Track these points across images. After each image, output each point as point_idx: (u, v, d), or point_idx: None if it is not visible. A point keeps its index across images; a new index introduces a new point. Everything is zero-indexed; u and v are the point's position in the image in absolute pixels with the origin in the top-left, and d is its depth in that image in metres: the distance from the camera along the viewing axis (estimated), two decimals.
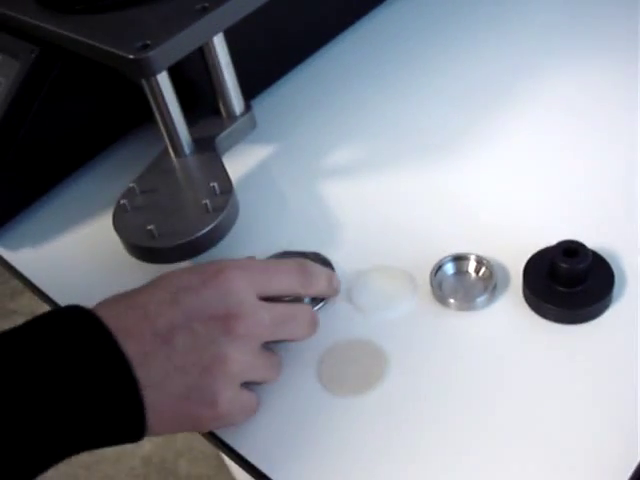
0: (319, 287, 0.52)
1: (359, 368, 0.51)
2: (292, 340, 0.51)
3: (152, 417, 0.43)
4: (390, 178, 0.63)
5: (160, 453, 1.54)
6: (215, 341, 0.45)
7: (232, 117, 0.64)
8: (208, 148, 0.62)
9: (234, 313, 0.46)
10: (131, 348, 0.43)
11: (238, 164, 0.65)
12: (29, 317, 0.44)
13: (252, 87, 0.68)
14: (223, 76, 0.62)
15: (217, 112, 0.65)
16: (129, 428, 0.43)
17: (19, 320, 0.44)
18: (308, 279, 0.51)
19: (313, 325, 0.51)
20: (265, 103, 0.71)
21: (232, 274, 0.47)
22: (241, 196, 0.59)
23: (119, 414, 0.42)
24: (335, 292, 0.54)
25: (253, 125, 0.66)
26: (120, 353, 0.42)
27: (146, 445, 1.55)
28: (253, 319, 0.47)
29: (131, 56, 0.54)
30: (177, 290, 0.46)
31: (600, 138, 0.62)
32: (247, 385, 0.48)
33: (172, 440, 1.53)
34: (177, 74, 0.59)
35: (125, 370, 0.42)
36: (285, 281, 0.51)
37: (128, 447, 0.45)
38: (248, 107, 0.65)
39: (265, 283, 0.49)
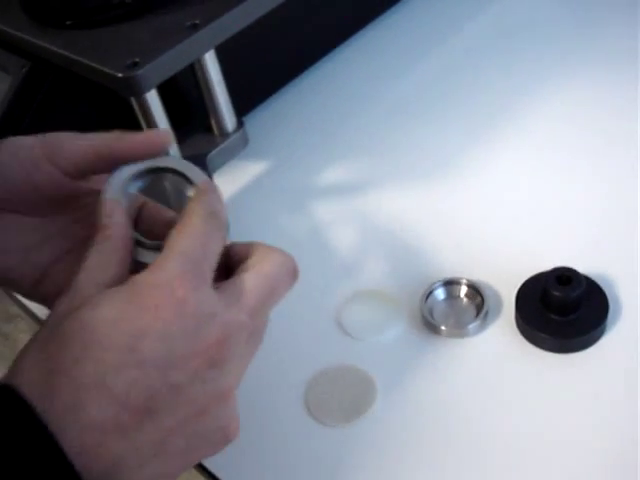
0: None
1: (347, 395, 0.50)
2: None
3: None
4: (381, 200, 0.62)
5: None
6: (205, 380, 0.34)
7: (224, 134, 0.64)
8: (199, 166, 0.61)
9: (212, 342, 0.34)
10: (112, 447, 0.32)
11: (230, 181, 0.64)
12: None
13: (244, 104, 0.68)
14: (215, 93, 0.61)
15: (209, 129, 0.64)
16: None
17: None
18: None
19: (295, 274, 0.42)
20: (257, 119, 0.70)
21: (184, 293, 0.34)
22: (232, 214, 0.58)
23: None
24: None
25: (245, 142, 0.65)
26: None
27: None
28: (234, 331, 0.36)
29: (120, 74, 0.54)
30: (133, 334, 0.33)
31: (597, 165, 0.62)
32: None
33: None
34: (168, 90, 0.58)
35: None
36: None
37: None
38: (240, 124, 0.64)
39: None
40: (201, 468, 0.48)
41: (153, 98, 0.57)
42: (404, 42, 0.77)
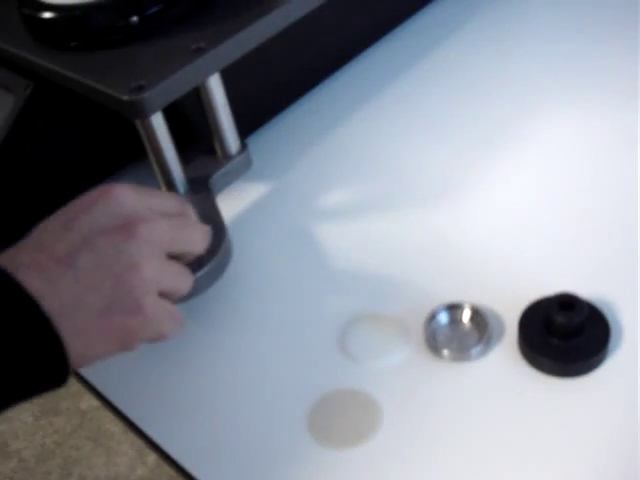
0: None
1: (350, 419, 0.50)
2: (190, 252, 0.50)
3: (77, 343, 0.42)
4: (385, 222, 0.62)
5: (154, 478, 1.52)
6: (121, 250, 0.44)
7: (227, 156, 0.64)
8: (202, 188, 0.61)
9: (133, 220, 0.45)
10: (33, 282, 0.41)
11: (233, 204, 0.64)
12: None
13: (248, 125, 0.68)
14: (219, 116, 0.61)
15: (212, 151, 0.64)
16: (52, 364, 0.41)
17: None
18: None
19: (206, 237, 0.52)
20: (261, 141, 0.70)
21: (119, 190, 0.46)
22: (235, 236, 0.58)
23: (36, 354, 0.41)
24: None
25: (248, 164, 0.65)
26: (21, 290, 0.40)
27: (139, 470, 1.53)
28: (153, 223, 0.46)
29: (125, 97, 0.54)
30: (67, 218, 0.45)
31: (599, 186, 0.62)
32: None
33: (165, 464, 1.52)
34: (172, 112, 0.59)
35: (30, 305, 0.40)
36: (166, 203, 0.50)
37: (121, 472, 0.44)
38: (244, 146, 0.65)
39: (152, 201, 0.49)
40: None
41: (158, 120, 0.57)
42: (409, 63, 0.77)
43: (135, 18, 0.59)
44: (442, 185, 0.64)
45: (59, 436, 1.53)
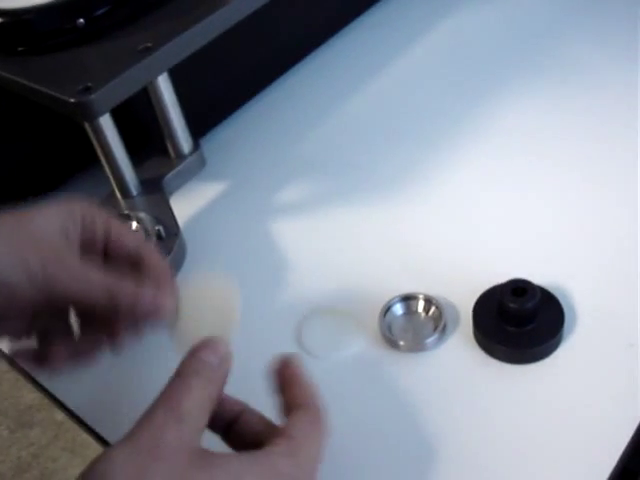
0: None
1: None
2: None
3: None
4: (339, 216, 0.62)
5: None
6: None
7: (180, 156, 0.64)
8: (156, 189, 0.61)
9: None
10: None
11: (187, 204, 0.64)
12: None
13: (201, 125, 0.68)
14: (169, 116, 0.61)
15: (165, 152, 0.64)
16: None
17: None
18: None
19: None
20: (215, 140, 0.70)
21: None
22: (189, 236, 0.58)
23: None
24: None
25: (202, 164, 0.65)
26: None
27: None
28: None
29: (72, 99, 0.54)
30: None
31: (547, 172, 0.62)
32: None
33: None
34: (123, 114, 0.58)
35: None
36: None
37: None
38: (197, 146, 0.64)
39: None
40: None
41: (107, 123, 0.57)
42: (362, 58, 0.77)
43: (82, 20, 0.59)
44: (394, 180, 0.65)
45: (35, 448, 1.52)
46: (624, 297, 0.52)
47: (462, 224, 0.60)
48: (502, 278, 0.52)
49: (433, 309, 0.53)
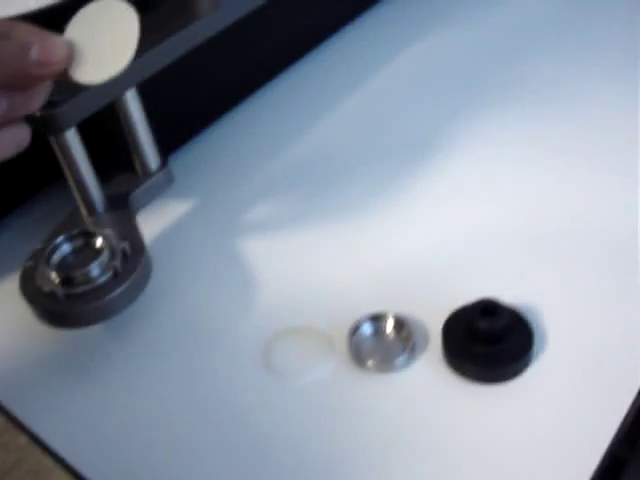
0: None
1: None
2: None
3: None
4: (307, 235, 0.62)
5: None
6: None
7: (147, 173, 0.63)
8: (122, 205, 0.60)
9: None
10: None
11: (153, 221, 0.63)
12: None
13: (170, 142, 0.67)
14: (137, 132, 0.60)
15: (132, 168, 0.63)
16: None
17: None
18: None
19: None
20: (184, 158, 0.69)
21: None
22: (155, 254, 0.57)
23: None
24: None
25: (170, 181, 0.64)
26: None
27: None
28: None
29: (37, 113, 0.53)
30: None
31: (517, 192, 0.62)
32: None
33: None
34: (89, 129, 0.57)
35: None
36: None
37: None
38: (165, 162, 0.63)
39: None
40: None
41: (73, 137, 0.56)
42: (334, 77, 0.77)
43: None
44: (364, 199, 0.64)
45: None
46: (593, 317, 0.52)
47: (432, 243, 0.59)
48: (472, 298, 0.51)
49: (402, 329, 0.52)
